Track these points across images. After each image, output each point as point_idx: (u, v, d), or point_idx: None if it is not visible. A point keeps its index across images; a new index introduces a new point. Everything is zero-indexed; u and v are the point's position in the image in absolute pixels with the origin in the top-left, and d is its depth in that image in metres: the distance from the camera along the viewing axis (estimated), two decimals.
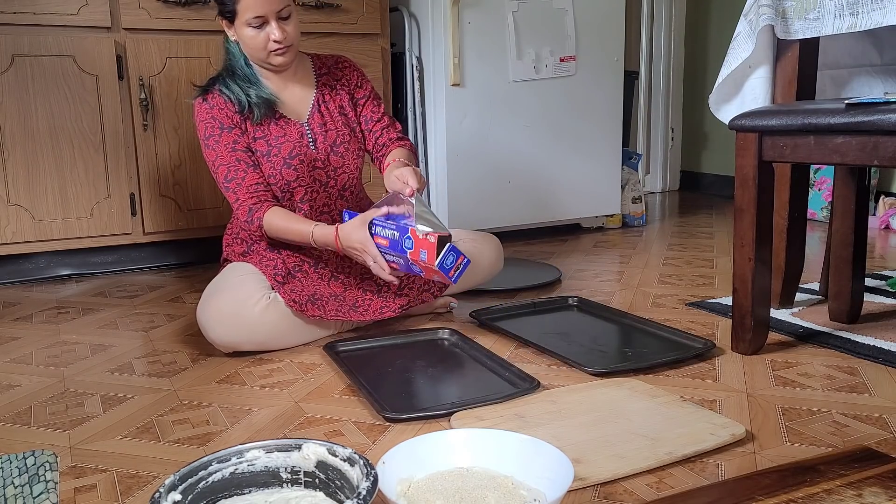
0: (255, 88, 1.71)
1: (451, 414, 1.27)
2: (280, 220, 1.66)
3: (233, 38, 1.70)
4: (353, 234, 1.58)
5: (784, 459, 1.10)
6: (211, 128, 1.70)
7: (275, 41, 1.64)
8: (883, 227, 3.02)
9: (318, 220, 1.76)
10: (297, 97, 1.78)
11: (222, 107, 1.70)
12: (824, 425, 1.23)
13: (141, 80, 2.36)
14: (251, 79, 1.72)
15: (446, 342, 1.67)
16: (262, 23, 1.62)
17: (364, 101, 1.85)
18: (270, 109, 1.73)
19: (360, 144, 1.84)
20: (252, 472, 0.96)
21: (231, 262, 1.80)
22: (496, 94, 2.76)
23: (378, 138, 1.84)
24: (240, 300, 1.61)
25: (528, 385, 1.37)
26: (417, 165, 1.76)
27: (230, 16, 1.64)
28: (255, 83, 1.72)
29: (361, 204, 1.89)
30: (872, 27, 1.56)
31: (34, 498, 1.01)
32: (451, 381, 1.46)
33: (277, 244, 1.75)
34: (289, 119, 1.75)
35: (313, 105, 1.79)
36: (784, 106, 1.53)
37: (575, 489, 1.03)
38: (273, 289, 1.67)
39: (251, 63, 1.73)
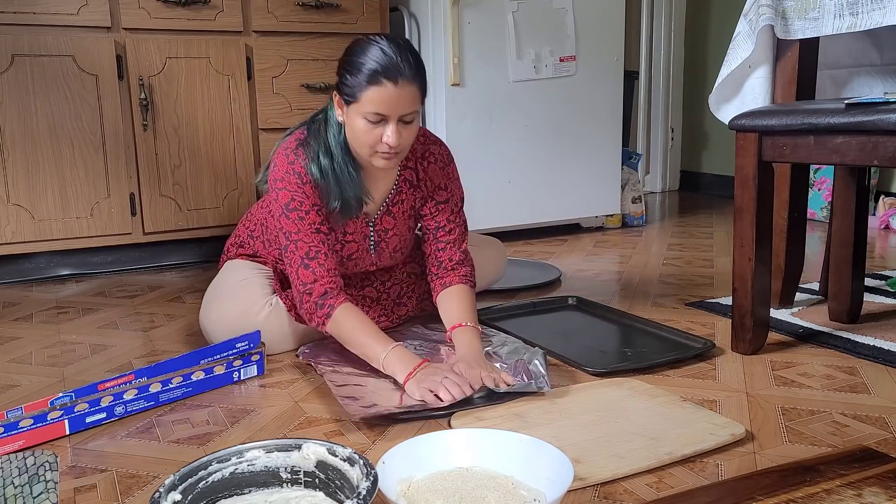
0: (351, 186, 1.50)
1: (451, 414, 1.27)
2: (353, 320, 1.46)
3: (340, 119, 1.48)
4: (437, 373, 1.35)
5: (784, 459, 1.10)
6: (299, 202, 1.49)
7: (387, 144, 1.41)
8: (883, 227, 3.02)
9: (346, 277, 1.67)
10: (377, 192, 1.60)
11: (314, 186, 1.50)
12: (824, 425, 1.23)
13: (141, 80, 2.36)
14: (348, 169, 1.50)
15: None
16: (380, 120, 1.40)
17: (443, 204, 1.64)
18: (358, 209, 1.54)
19: (415, 236, 1.72)
20: (252, 471, 0.96)
21: (232, 258, 1.78)
22: (496, 94, 2.76)
23: (440, 252, 1.63)
24: (243, 307, 1.61)
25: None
26: (475, 299, 1.61)
27: (348, 98, 1.41)
28: (353, 178, 1.50)
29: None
30: (872, 27, 1.56)
31: (34, 498, 1.01)
32: None
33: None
34: (359, 215, 1.58)
35: (385, 204, 1.61)
36: (784, 106, 1.53)
37: (575, 489, 1.03)
38: (275, 292, 1.66)
39: (349, 146, 1.51)
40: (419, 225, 1.70)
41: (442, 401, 1.28)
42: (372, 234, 1.62)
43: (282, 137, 1.59)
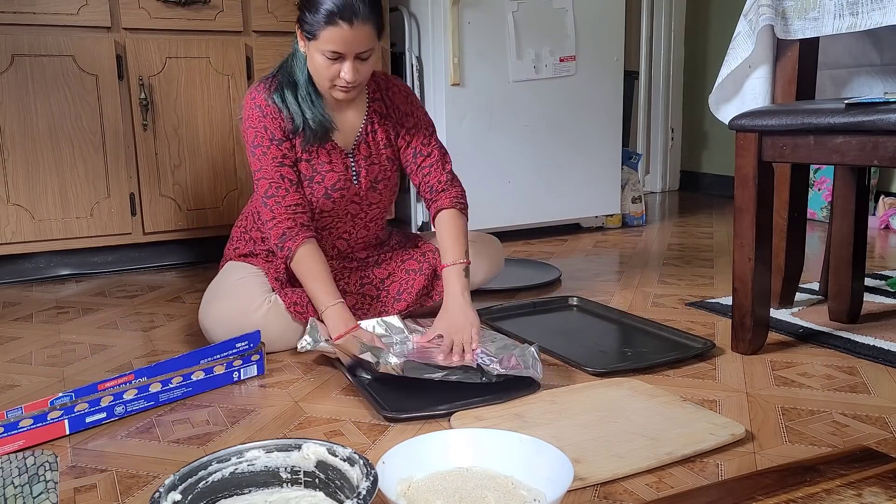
0: (312, 110, 1.59)
1: (451, 414, 1.27)
2: (307, 268, 1.57)
3: (303, 50, 1.57)
4: (355, 348, 1.47)
5: (784, 459, 1.10)
6: (261, 137, 1.59)
7: (344, 79, 1.50)
8: (883, 226, 3.02)
9: (333, 243, 1.75)
10: (349, 123, 1.68)
11: (275, 116, 1.59)
12: (824, 425, 1.23)
13: (141, 79, 2.36)
14: (311, 96, 1.60)
15: None
16: (337, 57, 1.48)
17: (413, 129, 1.72)
18: (324, 135, 1.62)
19: (398, 177, 1.77)
20: (252, 471, 0.96)
21: (230, 260, 1.79)
22: (496, 94, 2.76)
23: (426, 176, 1.71)
24: (242, 305, 1.61)
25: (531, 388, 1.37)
26: (467, 223, 1.70)
27: (309, 35, 1.49)
28: (314, 102, 1.60)
29: (380, 234, 1.85)
30: (872, 27, 1.56)
31: (34, 498, 1.01)
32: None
33: None
34: (336, 146, 1.66)
35: (360, 134, 1.69)
36: (784, 106, 1.53)
37: (575, 489, 1.03)
38: (273, 290, 1.66)
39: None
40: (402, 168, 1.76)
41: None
42: (353, 164, 1.68)
43: None
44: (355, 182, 1.69)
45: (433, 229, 1.74)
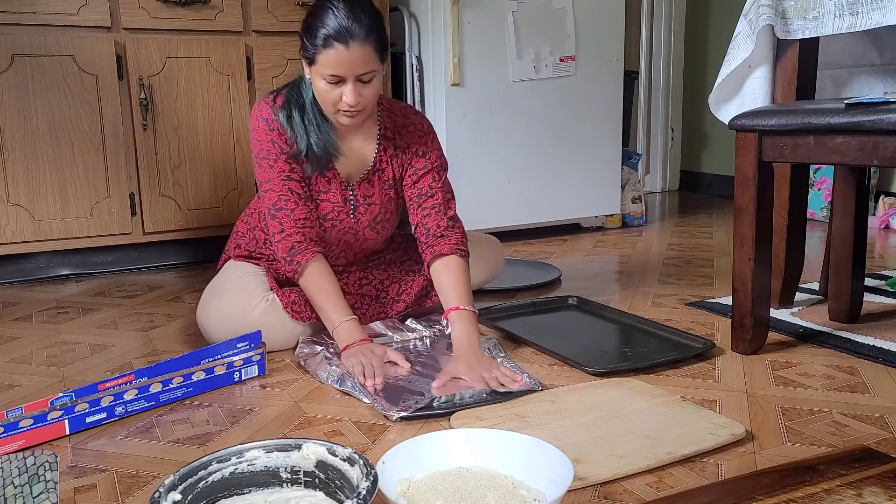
0: (318, 134, 1.56)
1: (451, 413, 1.27)
2: (317, 284, 1.54)
3: (308, 78, 1.53)
4: (367, 353, 1.45)
5: (784, 459, 1.10)
6: (267, 150, 1.57)
7: (346, 103, 1.46)
8: (883, 226, 3.02)
9: (330, 261, 1.68)
10: (355, 153, 1.63)
11: (283, 132, 1.56)
12: (824, 425, 1.23)
13: (141, 79, 2.36)
14: (317, 120, 1.56)
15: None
16: (337, 80, 1.45)
17: (423, 172, 1.65)
18: (327, 162, 1.59)
19: (400, 213, 1.74)
20: (252, 471, 0.96)
21: (230, 259, 1.79)
22: (496, 94, 2.76)
23: (426, 218, 1.63)
24: (240, 302, 1.61)
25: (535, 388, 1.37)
26: (468, 270, 1.61)
27: (308, 60, 1.47)
28: (320, 127, 1.56)
29: (381, 246, 1.82)
30: (872, 27, 1.56)
31: (34, 498, 1.01)
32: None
33: None
34: (337, 174, 1.62)
35: (367, 172, 1.65)
36: (784, 106, 1.53)
37: (575, 489, 1.03)
38: (272, 289, 1.66)
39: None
40: (405, 206, 1.72)
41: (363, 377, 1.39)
42: (351, 198, 1.65)
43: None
44: (351, 216, 1.66)
45: (427, 266, 1.64)
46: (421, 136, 1.67)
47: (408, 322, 1.72)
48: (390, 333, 1.69)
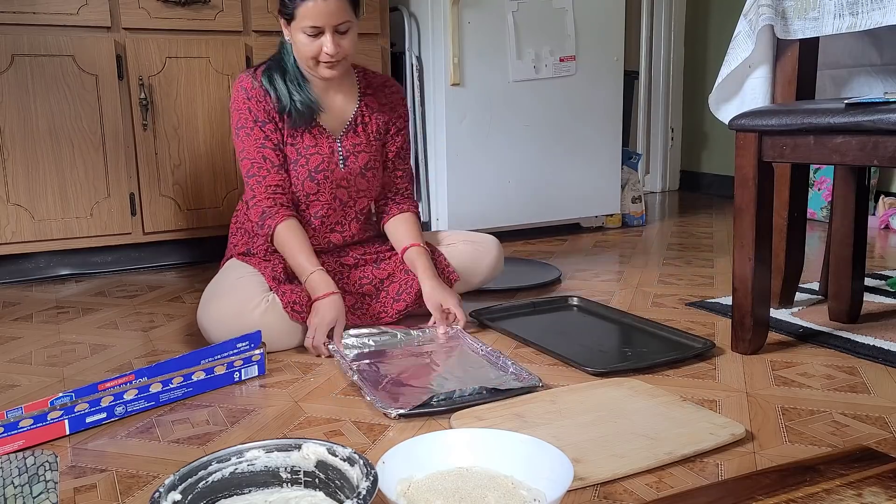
0: (300, 93, 1.67)
1: (450, 410, 1.27)
2: (288, 240, 1.65)
3: (287, 39, 1.67)
4: (332, 310, 1.60)
5: (784, 459, 1.10)
6: (244, 119, 1.68)
7: (326, 53, 1.59)
8: (883, 226, 3.02)
9: (326, 237, 1.78)
10: (338, 108, 1.75)
11: (260, 99, 1.67)
12: (824, 425, 1.23)
13: (141, 79, 2.36)
14: (299, 80, 1.68)
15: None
16: (317, 32, 1.58)
17: (396, 134, 1.82)
18: (310, 117, 1.69)
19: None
20: (252, 471, 0.96)
21: (231, 258, 1.80)
22: (496, 94, 2.76)
23: (399, 179, 1.85)
24: (240, 304, 1.61)
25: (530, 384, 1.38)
26: (421, 233, 1.81)
27: (288, 17, 1.61)
28: (301, 86, 1.68)
29: (368, 228, 1.89)
30: (872, 27, 1.56)
31: (34, 498, 1.01)
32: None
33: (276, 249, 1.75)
34: (324, 130, 1.72)
35: (351, 121, 1.76)
36: (784, 106, 1.53)
37: (575, 489, 1.03)
38: (271, 290, 1.66)
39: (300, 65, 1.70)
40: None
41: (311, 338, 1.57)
42: (340, 149, 1.74)
43: None
44: (341, 166, 1.74)
45: (383, 224, 1.85)
46: (401, 99, 1.84)
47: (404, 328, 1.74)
48: (390, 331, 1.69)
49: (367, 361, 1.55)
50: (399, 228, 1.81)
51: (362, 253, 1.82)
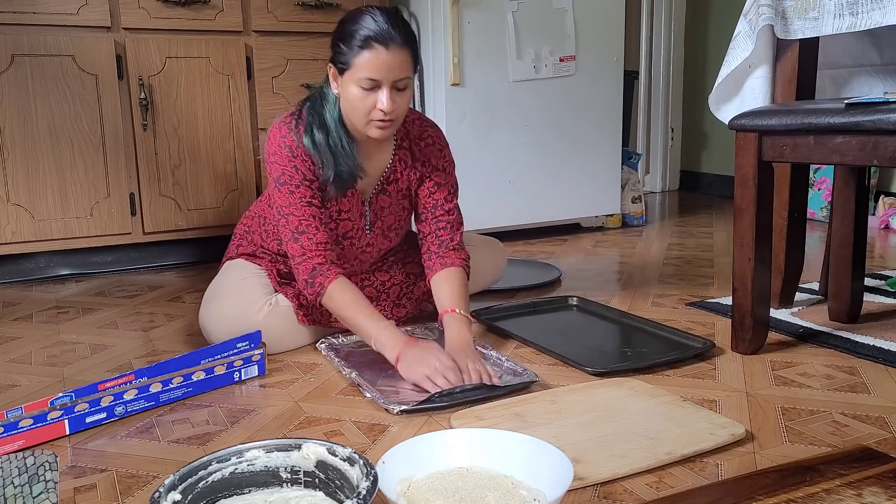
0: (345, 161, 1.52)
1: (452, 406, 1.28)
2: (345, 298, 1.50)
3: (335, 92, 1.51)
4: (432, 350, 1.41)
5: (784, 459, 1.10)
6: (290, 176, 1.53)
7: (381, 110, 1.43)
8: (883, 226, 3.02)
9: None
10: (372, 167, 1.61)
11: (305, 159, 1.52)
12: (824, 425, 1.23)
13: (141, 79, 2.36)
14: (343, 142, 1.52)
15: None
16: (373, 86, 1.42)
17: (441, 184, 1.66)
18: (350, 184, 1.57)
19: (410, 222, 1.75)
20: (252, 471, 0.96)
21: (232, 258, 1.79)
22: (496, 94, 2.76)
23: (442, 230, 1.66)
24: (242, 305, 1.61)
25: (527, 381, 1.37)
26: (468, 284, 1.64)
27: (342, 66, 1.44)
28: (346, 151, 1.52)
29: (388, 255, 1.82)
30: (872, 27, 1.56)
31: (34, 498, 1.01)
32: None
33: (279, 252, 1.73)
34: (354, 192, 1.61)
35: (382, 180, 1.64)
36: (784, 106, 1.53)
37: (574, 489, 1.03)
38: (276, 291, 1.66)
39: (344, 121, 1.54)
40: (413, 213, 1.72)
41: (438, 386, 1.32)
42: (368, 212, 1.64)
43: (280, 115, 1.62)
44: (367, 232, 1.66)
45: (428, 280, 1.65)
46: (440, 150, 1.68)
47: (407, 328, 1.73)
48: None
49: (364, 359, 1.55)
50: (443, 288, 1.60)
51: (366, 258, 1.81)
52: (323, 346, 1.62)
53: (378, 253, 1.74)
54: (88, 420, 1.27)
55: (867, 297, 1.93)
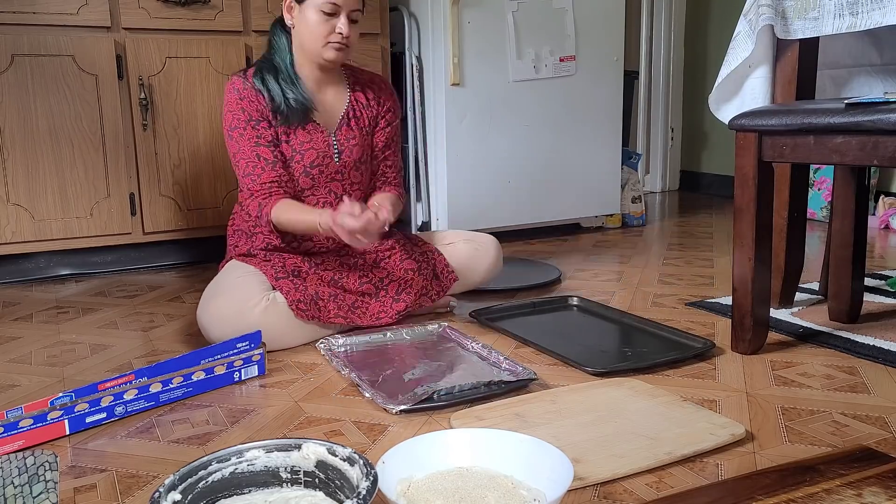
0: (294, 90, 1.69)
1: (451, 405, 1.28)
2: (288, 213, 1.66)
3: (290, 23, 1.69)
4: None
5: (784, 459, 1.10)
6: (237, 119, 1.69)
7: (339, 33, 1.64)
8: (883, 226, 3.02)
9: (329, 237, 1.73)
10: (329, 104, 1.78)
11: (252, 99, 1.68)
12: (824, 425, 1.23)
13: (140, 79, 2.36)
14: (291, 78, 1.71)
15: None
16: (334, 11, 1.63)
17: (386, 126, 1.86)
18: (304, 114, 1.71)
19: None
20: (252, 471, 0.96)
21: (232, 259, 1.80)
22: (496, 94, 2.76)
23: (389, 169, 1.88)
24: (240, 302, 1.61)
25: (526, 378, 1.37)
26: (398, 213, 1.81)
27: None
28: (294, 83, 1.70)
29: None
30: (872, 27, 1.56)
31: (34, 498, 1.01)
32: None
33: (276, 248, 1.75)
34: (317, 125, 1.75)
35: (344, 115, 1.79)
36: (784, 106, 1.53)
37: (574, 489, 1.03)
38: (274, 288, 1.67)
39: (294, 62, 1.72)
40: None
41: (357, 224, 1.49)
42: (334, 143, 1.77)
43: None
44: (336, 160, 1.76)
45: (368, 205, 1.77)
46: (389, 92, 1.88)
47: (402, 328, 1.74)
48: (390, 334, 1.70)
49: (363, 360, 1.56)
50: (376, 196, 1.84)
51: (363, 252, 1.83)
52: (322, 346, 1.62)
53: (350, 186, 1.81)
54: (88, 420, 1.27)
55: (867, 297, 1.93)
